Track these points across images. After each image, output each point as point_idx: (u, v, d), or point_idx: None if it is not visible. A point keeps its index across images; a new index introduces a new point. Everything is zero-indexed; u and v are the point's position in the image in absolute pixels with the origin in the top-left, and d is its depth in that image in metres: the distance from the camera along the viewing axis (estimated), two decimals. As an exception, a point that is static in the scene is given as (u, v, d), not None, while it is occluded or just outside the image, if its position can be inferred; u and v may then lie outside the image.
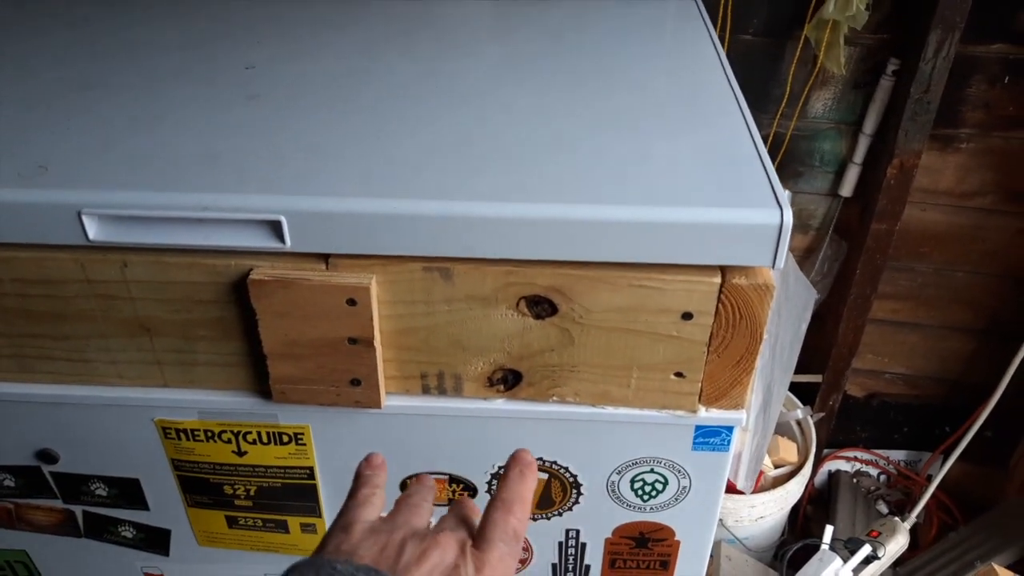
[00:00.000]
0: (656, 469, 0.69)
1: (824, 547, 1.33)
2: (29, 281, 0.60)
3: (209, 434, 0.69)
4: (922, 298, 1.50)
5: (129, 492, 0.75)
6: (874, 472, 1.72)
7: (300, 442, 0.69)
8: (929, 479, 1.57)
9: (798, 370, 1.43)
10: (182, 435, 0.69)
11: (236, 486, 0.73)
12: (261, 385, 0.65)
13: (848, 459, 1.73)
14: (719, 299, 0.58)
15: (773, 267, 0.56)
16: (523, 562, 0.79)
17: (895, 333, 1.55)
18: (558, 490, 0.72)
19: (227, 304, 0.60)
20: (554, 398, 0.65)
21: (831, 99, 1.32)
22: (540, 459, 0.69)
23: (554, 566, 0.79)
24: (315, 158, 0.60)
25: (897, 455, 1.72)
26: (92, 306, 0.61)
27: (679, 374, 0.62)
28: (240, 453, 0.70)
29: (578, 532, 0.76)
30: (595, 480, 0.71)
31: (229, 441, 0.69)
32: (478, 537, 0.41)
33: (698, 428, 0.66)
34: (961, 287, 1.47)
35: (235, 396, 0.66)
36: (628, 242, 0.55)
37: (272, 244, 0.56)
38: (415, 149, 0.61)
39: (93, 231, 0.56)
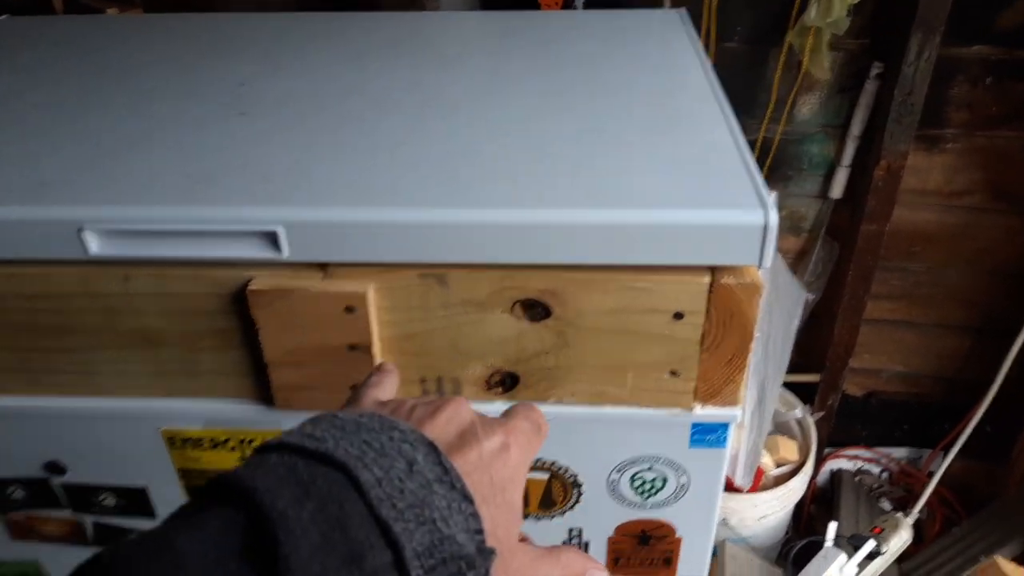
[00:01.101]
0: (655, 467, 0.70)
1: (828, 544, 1.33)
2: (34, 296, 0.62)
3: (214, 443, 0.70)
4: (916, 297, 1.51)
5: (137, 501, 0.76)
6: (876, 470, 1.73)
7: (303, 450, 0.70)
8: (930, 475, 1.58)
9: (797, 370, 1.44)
10: (188, 444, 0.70)
11: (240, 496, 0.74)
12: (264, 393, 0.66)
13: (850, 458, 1.74)
14: (709, 299, 0.59)
15: (760, 266, 0.58)
16: (526, 565, 0.80)
17: (891, 332, 1.56)
18: (559, 490, 0.73)
19: (228, 314, 0.62)
20: (552, 399, 0.66)
21: (817, 103, 1.34)
22: (540, 460, 0.71)
23: (557, 568, 0.80)
24: (309, 170, 0.61)
25: (898, 453, 1.73)
26: (96, 319, 0.63)
27: (673, 373, 0.64)
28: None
29: (580, 531, 0.77)
30: (595, 479, 0.72)
31: (234, 449, 0.70)
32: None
33: (695, 426, 0.67)
34: (953, 285, 1.49)
35: (239, 404, 0.68)
36: (617, 245, 0.57)
37: (270, 255, 0.57)
38: (406, 159, 0.63)
39: (94, 246, 0.58)
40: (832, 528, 1.35)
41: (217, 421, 0.69)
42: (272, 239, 0.57)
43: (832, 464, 1.74)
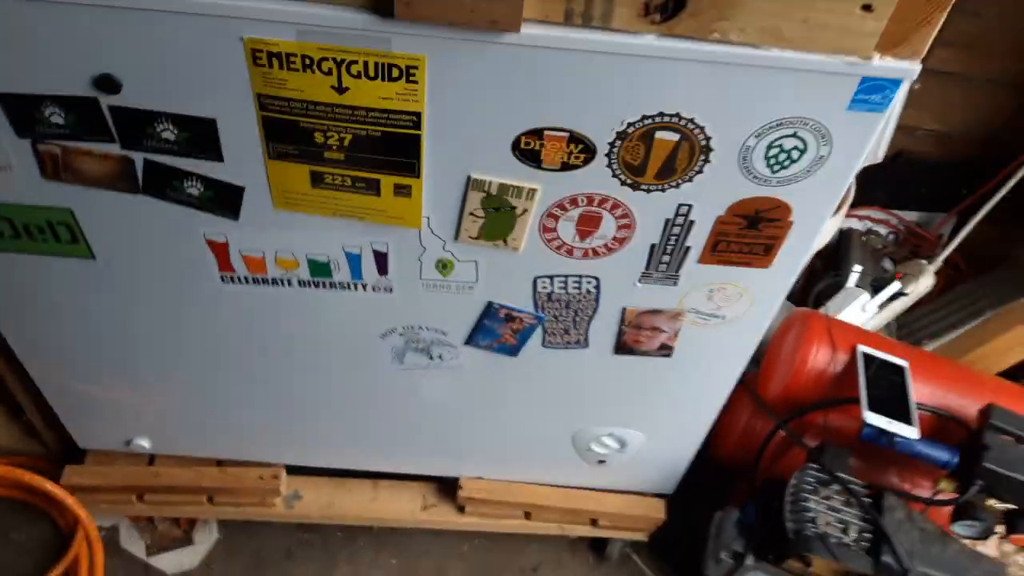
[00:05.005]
0: (799, 133, 0.64)
1: (850, 284, 1.35)
2: None
3: (307, 61, 0.60)
4: (979, 48, 1.43)
5: (202, 137, 0.67)
6: (884, 231, 1.74)
7: (412, 79, 0.61)
8: (940, 238, 1.59)
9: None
10: (275, 61, 0.60)
11: (329, 134, 0.65)
12: (382, -5, 0.56)
13: (860, 218, 1.73)
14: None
15: None
16: (621, 241, 0.75)
17: (942, 85, 1.49)
18: (685, 155, 0.66)
19: None
20: (715, 35, 0.57)
21: None
22: (676, 115, 0.63)
23: (652, 247, 0.76)
24: None
25: (911, 215, 1.73)
26: None
27: (867, 7, 0.55)
28: (340, 90, 0.62)
29: (689, 208, 0.71)
30: (729, 144, 0.65)
31: (329, 72, 0.61)
32: None
33: (864, 81, 0.60)
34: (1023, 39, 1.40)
35: (345, 11, 0.57)
36: None
37: None
38: None
39: None
40: (856, 271, 1.36)
41: (314, 32, 0.59)
42: None
43: (841, 223, 1.73)
